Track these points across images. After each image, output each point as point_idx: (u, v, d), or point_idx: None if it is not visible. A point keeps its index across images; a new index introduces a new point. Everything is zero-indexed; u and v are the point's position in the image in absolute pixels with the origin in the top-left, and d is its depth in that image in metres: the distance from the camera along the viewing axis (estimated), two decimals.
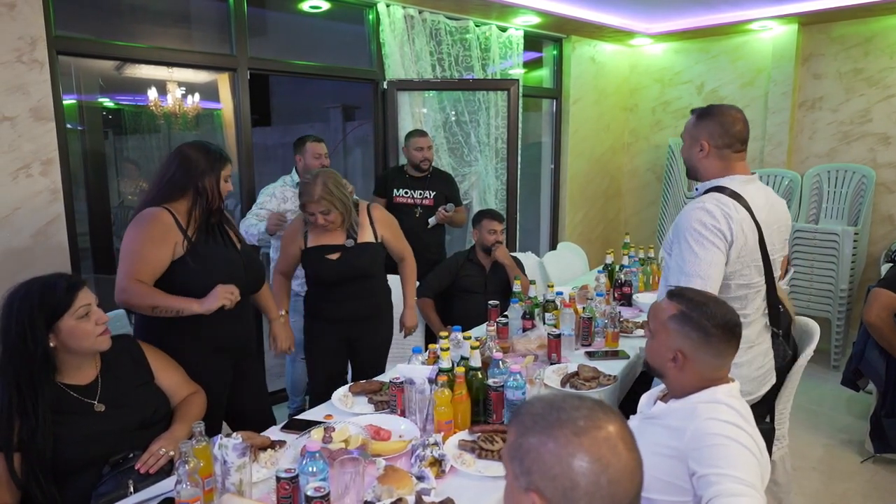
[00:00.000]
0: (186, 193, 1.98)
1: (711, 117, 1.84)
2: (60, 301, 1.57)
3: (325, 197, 2.29)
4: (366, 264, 2.47)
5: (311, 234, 2.43)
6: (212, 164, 1.99)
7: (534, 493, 0.78)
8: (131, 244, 1.91)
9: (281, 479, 1.31)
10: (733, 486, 1.13)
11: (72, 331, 1.57)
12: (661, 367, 1.38)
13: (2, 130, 2.50)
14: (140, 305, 1.89)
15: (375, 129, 4.05)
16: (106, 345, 1.66)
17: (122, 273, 1.88)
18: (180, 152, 2.01)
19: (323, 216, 2.32)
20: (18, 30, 2.51)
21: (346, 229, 2.44)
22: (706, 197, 1.78)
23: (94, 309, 1.63)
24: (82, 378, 1.65)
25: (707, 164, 1.85)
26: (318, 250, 2.42)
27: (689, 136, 1.89)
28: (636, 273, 3.32)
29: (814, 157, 4.73)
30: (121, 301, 1.90)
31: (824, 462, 2.99)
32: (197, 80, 5.54)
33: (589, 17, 4.48)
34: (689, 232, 1.71)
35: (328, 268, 2.42)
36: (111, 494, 1.53)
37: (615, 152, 5.70)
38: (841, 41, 4.53)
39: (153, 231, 1.91)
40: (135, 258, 1.89)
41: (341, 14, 4.02)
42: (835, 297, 4.04)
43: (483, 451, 1.61)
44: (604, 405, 0.83)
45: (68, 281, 1.62)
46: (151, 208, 1.94)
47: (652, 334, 1.42)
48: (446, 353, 1.83)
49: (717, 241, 1.69)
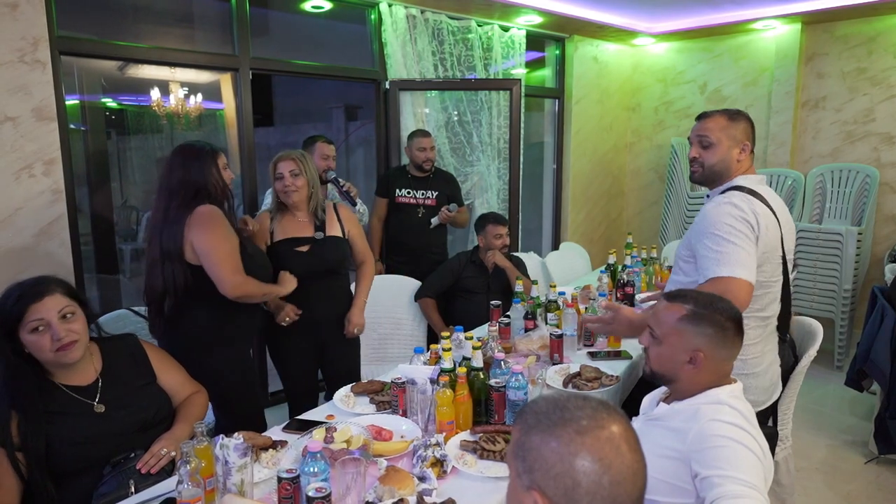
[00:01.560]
0: (203, 192, 2.03)
1: (745, 120, 1.84)
2: (9, 315, 1.54)
3: (299, 160, 2.36)
4: (336, 258, 2.45)
5: (278, 227, 2.39)
6: (205, 157, 2.04)
7: (535, 492, 0.78)
8: (219, 243, 1.98)
9: (282, 480, 1.31)
10: (736, 488, 1.12)
11: (29, 344, 1.55)
12: (673, 371, 1.35)
13: (4, 130, 2.51)
14: (256, 294, 2.10)
15: (377, 129, 4.05)
16: (68, 359, 1.59)
17: (229, 271, 1.99)
18: (180, 155, 2.04)
19: (291, 176, 2.34)
20: (21, 30, 2.51)
21: (313, 222, 2.42)
22: (728, 194, 1.76)
23: (55, 323, 1.55)
24: (82, 379, 1.65)
25: (741, 166, 1.83)
26: (287, 243, 2.37)
27: (726, 136, 1.81)
28: (639, 273, 3.31)
29: (817, 156, 4.71)
30: (237, 295, 2.02)
31: (828, 463, 2.98)
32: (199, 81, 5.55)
33: (591, 16, 4.48)
34: (719, 226, 1.68)
35: (298, 261, 2.35)
36: (112, 494, 1.53)
37: (618, 152, 5.69)
38: (844, 40, 4.51)
39: (225, 227, 2.02)
40: (230, 255, 2.00)
41: (343, 14, 4.02)
42: (838, 297, 4.03)
43: (485, 452, 1.60)
44: (608, 405, 0.82)
45: (23, 291, 1.56)
46: (203, 206, 2.00)
47: (659, 341, 1.37)
48: (448, 353, 1.82)
49: (748, 231, 1.68)
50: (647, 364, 1.43)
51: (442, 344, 1.88)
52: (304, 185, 2.36)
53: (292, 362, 2.51)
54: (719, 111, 1.86)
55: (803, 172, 4.60)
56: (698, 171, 1.87)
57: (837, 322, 4.05)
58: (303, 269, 2.35)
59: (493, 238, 3.16)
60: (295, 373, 2.53)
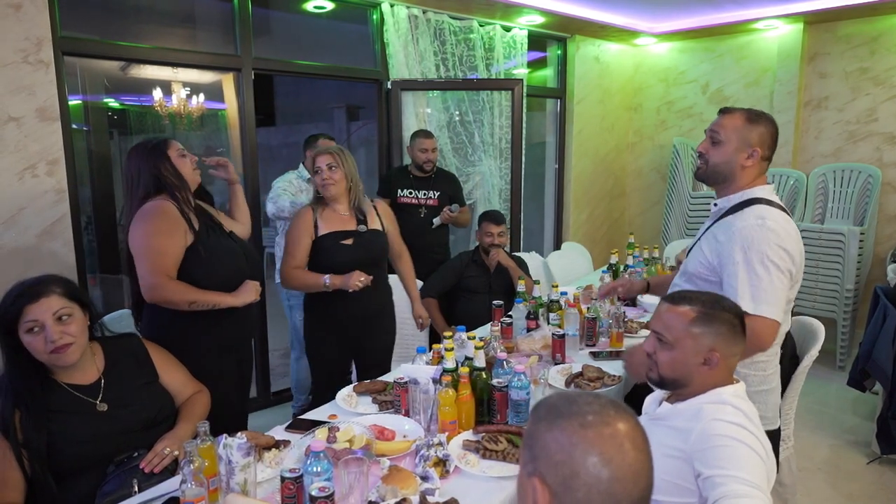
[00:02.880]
0: (161, 189, 1.97)
1: (766, 123, 1.70)
2: (7, 313, 1.54)
3: (337, 154, 2.38)
4: (379, 250, 2.50)
5: (322, 222, 2.41)
6: (152, 152, 1.97)
7: (536, 478, 0.80)
8: (144, 240, 1.88)
9: (285, 479, 1.31)
10: (739, 488, 1.12)
11: (26, 344, 1.55)
12: (687, 375, 1.33)
13: (8, 131, 2.51)
14: (176, 301, 1.88)
15: (379, 129, 4.05)
16: (62, 362, 1.57)
17: (146, 271, 1.86)
18: (127, 160, 2.00)
19: (329, 169, 2.35)
20: (24, 30, 2.52)
21: (355, 215, 2.45)
22: (759, 211, 1.63)
23: (50, 325, 1.54)
24: (84, 378, 1.65)
25: (748, 172, 1.71)
26: (332, 237, 2.39)
27: (737, 137, 1.70)
28: (641, 273, 3.30)
29: (819, 156, 4.71)
30: (153, 299, 1.87)
31: (830, 463, 2.97)
32: (201, 81, 5.56)
33: (593, 16, 4.48)
34: (753, 253, 1.58)
35: (344, 254, 2.38)
36: (115, 494, 1.53)
37: (619, 152, 5.69)
38: (847, 40, 4.51)
39: (161, 223, 1.90)
40: (153, 253, 1.87)
41: (345, 14, 4.02)
42: (840, 297, 4.02)
43: (487, 452, 1.60)
44: (619, 405, 0.84)
45: (22, 290, 1.56)
46: (153, 201, 1.93)
47: (670, 346, 1.34)
48: (450, 353, 1.83)
49: (785, 261, 1.58)
50: (655, 371, 1.39)
51: (444, 344, 1.89)
52: (342, 178, 2.39)
53: (329, 354, 2.52)
54: (742, 109, 1.74)
55: (805, 172, 4.60)
56: (702, 168, 1.79)
57: (839, 322, 4.04)
58: (348, 262, 2.37)
59: (484, 236, 3.17)
60: (330, 365, 2.53)
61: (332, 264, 2.38)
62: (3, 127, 2.50)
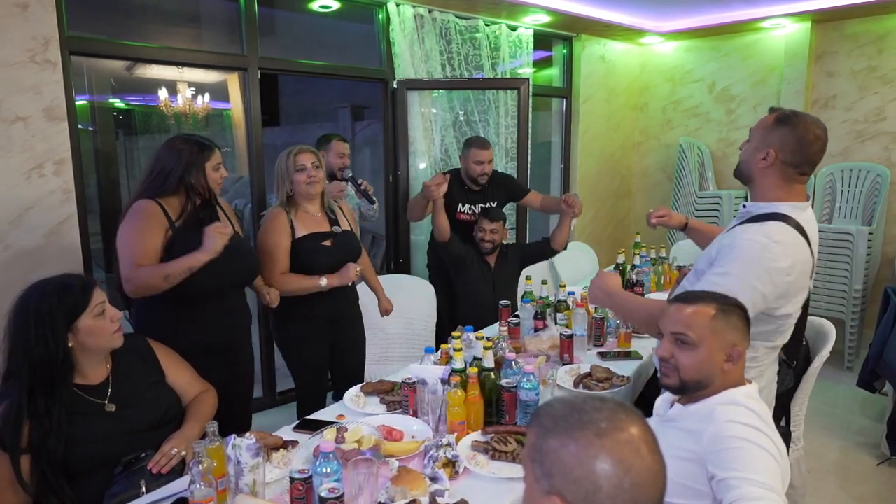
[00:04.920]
0: (178, 189, 2.01)
1: (791, 126, 1.59)
2: (78, 300, 1.58)
3: (317, 153, 2.40)
4: (356, 249, 2.52)
5: (297, 223, 2.37)
6: (193, 157, 2.01)
7: (556, 497, 0.77)
8: (124, 238, 1.96)
9: (295, 480, 1.31)
10: (754, 490, 1.11)
11: (90, 329, 1.58)
12: (711, 374, 1.31)
13: (15, 130, 2.51)
14: (152, 284, 1.90)
15: (385, 129, 4.04)
16: (120, 341, 1.68)
17: (124, 265, 1.93)
18: (165, 148, 2.04)
19: (314, 168, 2.35)
20: (31, 30, 2.52)
21: (327, 215, 2.45)
22: (774, 228, 1.55)
23: (108, 307, 1.65)
24: (94, 378, 1.65)
25: (767, 178, 1.62)
26: (312, 238, 2.37)
27: (759, 136, 1.64)
28: (648, 273, 3.29)
29: (827, 156, 4.59)
30: (131, 290, 1.93)
31: (839, 465, 2.95)
32: (207, 81, 5.56)
33: (599, 15, 4.46)
34: (752, 264, 1.51)
35: (326, 255, 2.37)
36: (123, 495, 1.53)
37: (625, 151, 5.67)
38: (855, 39, 4.48)
39: (141, 222, 1.96)
40: (131, 249, 1.93)
41: (351, 13, 4.02)
42: (849, 297, 4.00)
43: (497, 453, 1.60)
44: (626, 407, 0.81)
45: (82, 280, 1.63)
46: (139, 201, 1.99)
47: (695, 345, 1.31)
48: (459, 353, 1.82)
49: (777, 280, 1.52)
50: (675, 376, 1.35)
51: (453, 344, 1.88)
52: (323, 178, 2.39)
53: (308, 359, 2.50)
54: (779, 109, 1.66)
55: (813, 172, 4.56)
56: (738, 165, 1.74)
57: (848, 322, 4.02)
58: (329, 263, 2.37)
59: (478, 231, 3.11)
60: (311, 370, 2.52)
61: (313, 266, 2.35)
62: (11, 126, 2.50)
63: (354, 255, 2.50)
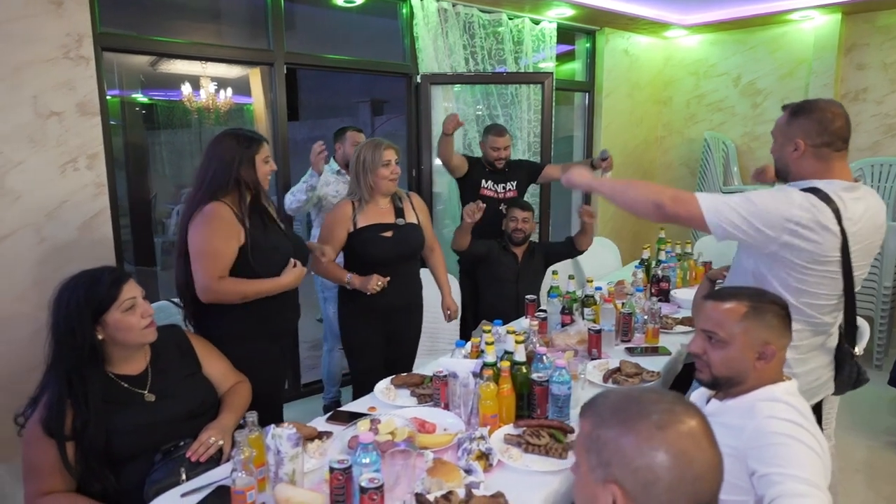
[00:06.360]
0: (231, 187, 2.01)
1: (807, 114, 1.66)
2: (106, 294, 1.59)
3: (397, 152, 2.45)
4: (417, 243, 2.53)
5: (361, 215, 2.43)
6: (242, 151, 2.01)
7: (614, 485, 0.77)
8: (203, 244, 1.95)
9: (334, 470, 1.32)
10: (797, 486, 1.10)
11: (118, 323, 1.60)
12: (743, 371, 1.31)
13: (50, 125, 2.56)
14: (228, 300, 1.98)
15: (409, 123, 4.05)
16: (152, 337, 1.68)
17: (204, 274, 1.93)
18: (214, 145, 2.04)
19: (396, 164, 2.41)
20: (66, 27, 2.56)
21: (393, 209, 2.48)
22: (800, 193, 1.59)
23: (140, 302, 1.65)
24: (133, 368, 1.68)
25: (803, 165, 1.67)
26: (372, 229, 2.42)
27: (781, 134, 1.71)
28: (674, 269, 3.26)
29: (856, 150, 4.59)
30: (207, 299, 1.96)
31: (868, 464, 2.92)
32: (228, 76, 5.61)
33: (623, 8, 4.42)
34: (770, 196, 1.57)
35: (384, 246, 2.41)
36: (164, 482, 1.55)
37: (648, 146, 5.62)
38: (886, 31, 4.39)
39: (219, 227, 1.96)
40: (211, 257, 1.94)
41: (375, 8, 4.02)
42: (878, 295, 3.93)
43: (530, 446, 1.60)
44: (683, 400, 0.81)
45: (113, 274, 1.64)
46: (210, 204, 1.97)
47: (724, 343, 1.32)
48: (491, 346, 1.82)
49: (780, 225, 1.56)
50: (707, 371, 1.36)
51: (485, 338, 1.88)
52: (398, 174, 2.44)
53: (367, 346, 2.53)
54: (789, 106, 1.72)
55: None
56: (775, 166, 1.80)
57: (877, 320, 3.95)
58: (387, 254, 2.41)
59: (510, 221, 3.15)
60: (369, 358, 2.53)
61: (370, 256, 2.41)
62: (46, 121, 2.55)
63: (415, 247, 2.53)
